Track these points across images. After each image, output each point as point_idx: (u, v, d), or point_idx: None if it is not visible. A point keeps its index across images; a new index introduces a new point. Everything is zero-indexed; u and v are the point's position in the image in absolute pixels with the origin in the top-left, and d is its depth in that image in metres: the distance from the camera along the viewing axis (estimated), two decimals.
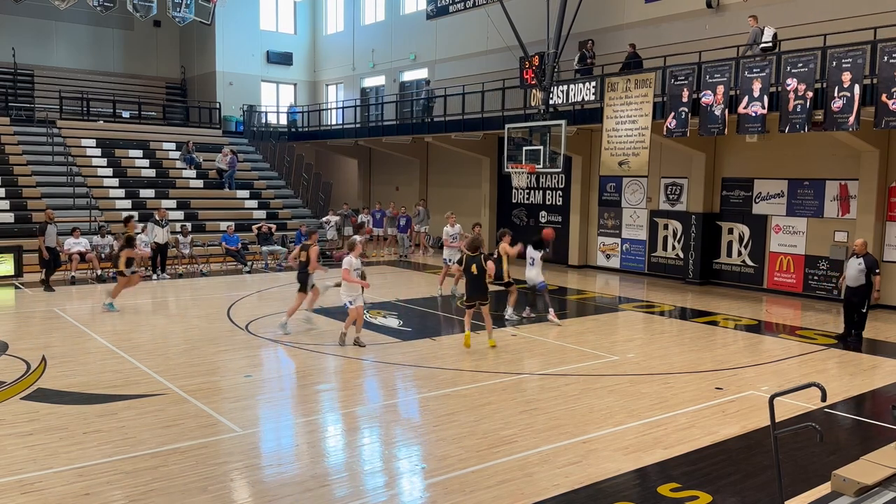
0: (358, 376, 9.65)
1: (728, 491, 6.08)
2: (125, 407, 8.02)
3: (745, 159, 17.34)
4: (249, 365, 10.09)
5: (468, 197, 25.03)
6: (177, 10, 24.41)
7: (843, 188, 15.72)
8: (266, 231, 21.00)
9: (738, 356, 10.95)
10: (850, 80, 12.81)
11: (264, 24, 32.35)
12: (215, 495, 5.87)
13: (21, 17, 28.14)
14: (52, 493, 5.85)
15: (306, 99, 33.39)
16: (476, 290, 10.99)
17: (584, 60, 18.82)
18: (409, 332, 12.17)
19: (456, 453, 6.81)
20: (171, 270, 18.50)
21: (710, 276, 18.19)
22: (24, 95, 28.04)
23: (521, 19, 19.17)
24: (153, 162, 24.94)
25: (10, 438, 7.02)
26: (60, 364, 9.79)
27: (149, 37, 32.03)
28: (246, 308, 14.17)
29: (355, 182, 31.33)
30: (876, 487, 5.69)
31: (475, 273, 10.90)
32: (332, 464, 6.68)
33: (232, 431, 7.35)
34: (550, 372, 9.79)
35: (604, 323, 13.66)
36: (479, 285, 10.97)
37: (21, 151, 22.83)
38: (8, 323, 12.76)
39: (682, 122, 15.50)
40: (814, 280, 16.31)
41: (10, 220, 19.48)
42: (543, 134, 17.44)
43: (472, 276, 10.94)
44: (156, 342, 11.25)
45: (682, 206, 18.83)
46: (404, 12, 28.37)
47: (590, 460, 6.69)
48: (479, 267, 10.89)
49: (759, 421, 7.67)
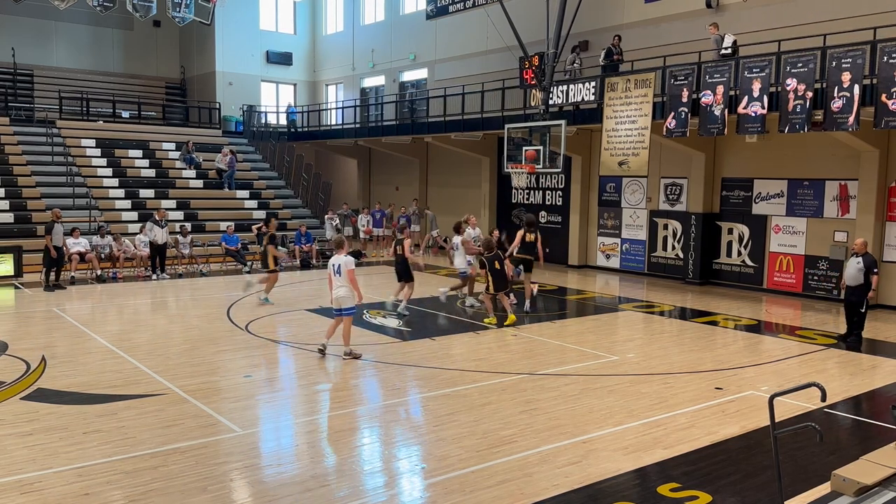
0: (358, 376, 9.64)
1: (728, 491, 6.08)
2: (125, 407, 8.02)
3: (745, 159, 17.35)
4: (249, 365, 10.09)
5: (468, 197, 25.03)
6: (176, 10, 24.39)
7: (843, 188, 15.73)
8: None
9: (738, 356, 10.95)
10: (849, 80, 12.81)
11: (264, 24, 32.36)
12: (215, 495, 5.87)
13: (21, 17, 28.14)
14: (52, 493, 5.85)
15: (306, 99, 33.40)
16: (503, 281, 12.98)
17: (611, 56, 18.29)
18: (408, 332, 12.17)
19: (456, 453, 6.81)
20: (171, 270, 18.50)
21: (710, 276, 18.20)
22: (23, 95, 28.04)
23: (521, 19, 19.18)
24: (153, 162, 24.94)
25: (10, 438, 7.01)
26: (60, 364, 9.79)
27: (149, 37, 32.04)
28: (246, 308, 14.17)
29: (355, 182, 31.33)
30: (876, 487, 5.69)
31: (499, 268, 12.83)
32: (332, 464, 6.68)
33: (232, 431, 7.35)
34: (550, 372, 9.79)
35: (604, 323, 13.66)
36: (504, 277, 13.01)
37: (21, 151, 22.82)
38: (8, 323, 12.75)
39: (681, 122, 15.51)
40: (814, 280, 16.31)
41: (9, 220, 19.48)
42: (543, 134, 17.45)
43: (497, 271, 12.82)
44: (156, 342, 11.25)
45: (681, 206, 18.83)
46: (404, 12, 28.37)
47: (590, 460, 6.69)
48: (500, 262, 12.89)
49: (759, 421, 7.67)
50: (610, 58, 18.32)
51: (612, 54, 18.34)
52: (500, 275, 12.89)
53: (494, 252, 12.93)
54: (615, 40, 18.57)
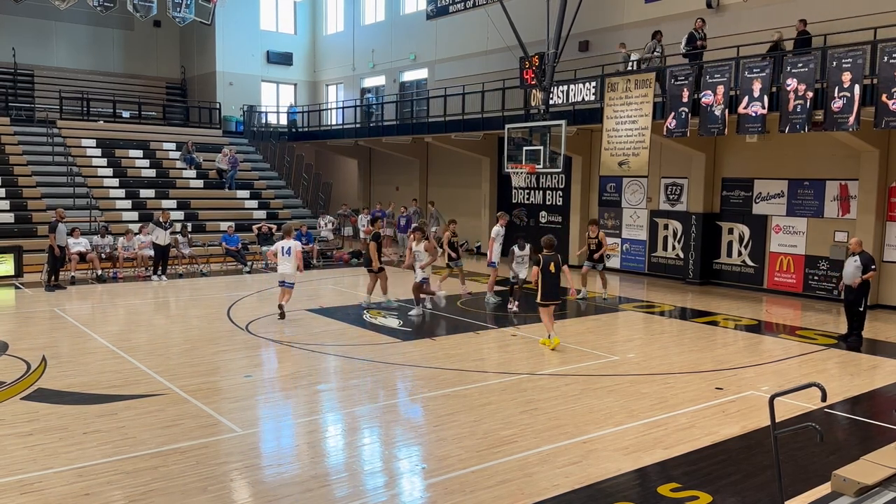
0: (358, 376, 9.64)
1: (728, 491, 6.08)
2: (125, 407, 8.02)
3: (745, 159, 17.34)
4: (249, 365, 10.09)
5: (468, 197, 25.03)
6: (177, 10, 24.38)
7: (843, 188, 15.72)
8: (266, 231, 21.01)
9: (738, 356, 10.94)
10: (850, 80, 12.80)
11: (264, 24, 32.36)
12: (215, 495, 5.87)
13: (21, 17, 28.14)
14: (52, 493, 5.85)
15: (306, 99, 33.40)
16: (555, 289, 11.01)
17: (693, 42, 16.19)
18: (409, 333, 12.17)
19: (456, 453, 6.81)
20: (171, 271, 18.49)
21: (710, 276, 18.19)
22: (24, 95, 28.04)
23: (521, 19, 19.17)
24: (153, 162, 24.93)
25: (10, 438, 7.02)
26: (60, 364, 9.79)
27: (149, 37, 32.04)
28: (246, 308, 14.17)
29: (355, 182, 31.33)
30: (876, 487, 5.69)
31: (553, 272, 10.88)
32: (332, 464, 6.68)
33: (232, 431, 7.35)
34: (550, 372, 9.79)
35: (604, 323, 13.66)
36: (558, 284, 11.02)
37: (21, 151, 22.82)
38: (8, 323, 12.76)
39: (682, 122, 15.50)
40: (814, 280, 16.31)
41: (10, 221, 19.48)
42: (543, 134, 17.45)
43: (551, 275, 10.87)
44: (156, 342, 11.25)
45: (682, 207, 18.83)
46: (404, 12, 28.38)
47: (590, 460, 6.69)
48: (557, 265, 10.93)
49: (759, 421, 7.67)
50: (692, 44, 16.21)
51: (694, 40, 16.22)
52: (554, 282, 10.97)
53: (553, 252, 11.00)
54: (698, 24, 16.40)
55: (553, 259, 10.89)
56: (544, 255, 10.90)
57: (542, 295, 10.95)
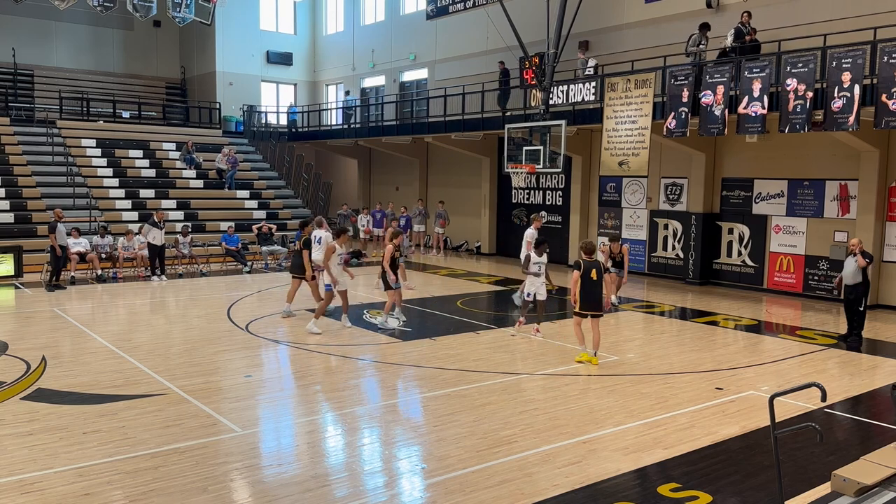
0: (358, 376, 9.64)
1: (728, 491, 6.08)
2: (125, 407, 8.02)
3: (745, 159, 17.34)
4: (249, 365, 10.09)
5: (468, 197, 25.04)
6: (177, 10, 24.39)
7: (843, 188, 15.73)
8: (266, 231, 21.01)
9: (738, 356, 10.94)
10: (850, 80, 12.80)
11: (264, 24, 32.36)
12: (215, 495, 5.87)
13: (21, 17, 28.15)
14: (52, 493, 5.85)
15: (306, 99, 33.40)
16: (594, 298, 10.20)
17: (741, 36, 15.15)
18: (409, 333, 12.17)
19: (456, 453, 6.80)
20: (171, 271, 18.49)
21: (710, 276, 18.20)
22: (24, 95, 28.04)
23: (521, 19, 19.18)
24: (153, 162, 24.94)
25: (10, 438, 7.01)
26: (60, 364, 9.79)
27: (149, 37, 32.04)
28: (246, 308, 14.17)
29: (355, 182, 31.33)
30: (876, 487, 5.69)
31: (594, 279, 10.12)
32: (332, 464, 6.68)
33: (232, 431, 7.35)
34: (550, 372, 9.79)
35: (604, 323, 13.60)
36: (597, 293, 10.24)
37: (21, 151, 22.82)
38: (8, 323, 12.76)
39: (682, 122, 15.50)
40: (814, 280, 16.31)
41: (10, 221, 19.48)
42: (543, 134, 17.45)
43: (592, 283, 10.12)
44: (156, 342, 11.25)
45: (682, 207, 18.83)
46: (404, 12, 28.38)
47: (590, 460, 6.69)
48: (599, 272, 10.21)
49: (759, 421, 7.67)
50: (740, 38, 15.15)
51: (742, 35, 15.17)
52: (595, 290, 10.21)
53: (594, 259, 10.29)
54: (745, 17, 15.33)
55: (595, 265, 10.14)
56: (585, 261, 10.17)
57: (582, 304, 10.21)
